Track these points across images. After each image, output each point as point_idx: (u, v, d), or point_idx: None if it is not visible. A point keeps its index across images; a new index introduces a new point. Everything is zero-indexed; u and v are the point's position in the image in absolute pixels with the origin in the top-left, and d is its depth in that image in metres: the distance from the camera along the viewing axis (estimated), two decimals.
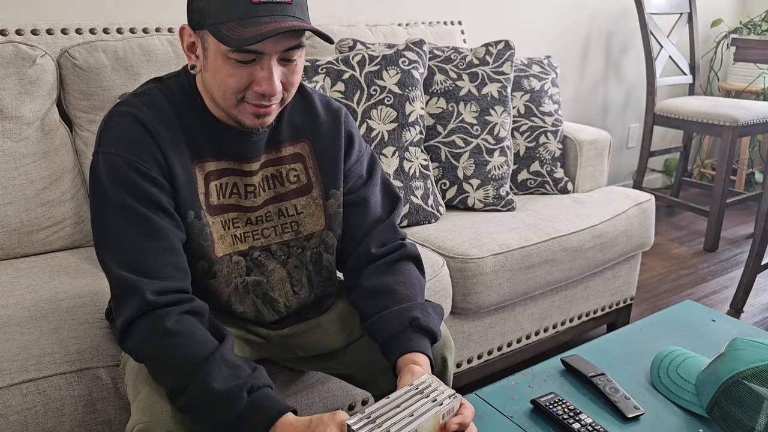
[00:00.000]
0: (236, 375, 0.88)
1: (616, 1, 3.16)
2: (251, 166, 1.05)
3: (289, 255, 1.12)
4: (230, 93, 0.93)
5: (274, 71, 0.92)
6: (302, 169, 1.10)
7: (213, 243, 1.04)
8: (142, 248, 0.93)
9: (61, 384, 1.09)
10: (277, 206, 1.09)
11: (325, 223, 1.12)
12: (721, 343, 1.24)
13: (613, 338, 1.27)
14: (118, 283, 0.93)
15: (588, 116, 3.28)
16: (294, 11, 0.90)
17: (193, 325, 0.91)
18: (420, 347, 0.99)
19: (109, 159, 0.95)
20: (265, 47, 0.89)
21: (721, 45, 3.69)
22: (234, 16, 0.87)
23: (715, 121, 2.85)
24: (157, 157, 0.96)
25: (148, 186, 0.95)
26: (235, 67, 0.91)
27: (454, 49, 1.98)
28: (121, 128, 0.96)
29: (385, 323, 1.02)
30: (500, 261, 1.66)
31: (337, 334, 1.18)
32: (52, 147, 1.55)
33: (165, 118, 0.98)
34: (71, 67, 1.58)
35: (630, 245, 1.98)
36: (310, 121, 1.11)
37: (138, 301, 0.90)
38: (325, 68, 1.74)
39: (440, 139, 1.91)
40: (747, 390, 0.94)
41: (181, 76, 1.03)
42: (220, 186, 1.04)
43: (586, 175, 2.15)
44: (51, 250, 1.56)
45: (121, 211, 0.94)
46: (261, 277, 1.10)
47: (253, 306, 1.12)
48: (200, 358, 0.88)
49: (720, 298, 2.49)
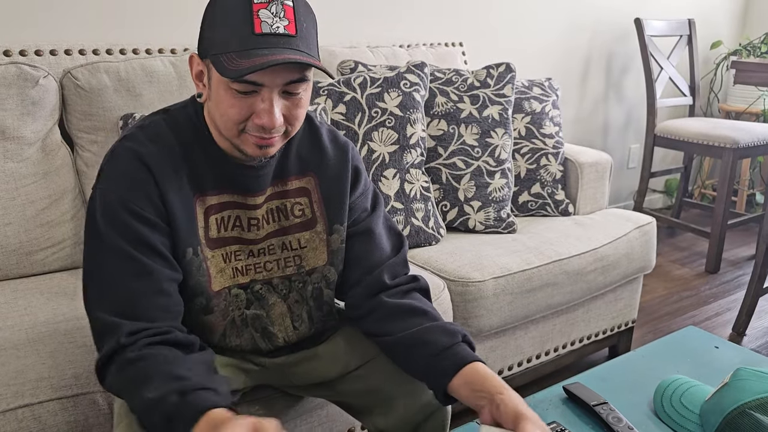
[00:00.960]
0: (172, 383, 0.83)
1: (616, 23, 3.18)
2: (256, 199, 1.04)
3: (291, 289, 1.10)
4: (231, 123, 0.93)
5: (275, 104, 0.91)
6: (307, 203, 1.09)
7: (210, 278, 1.02)
8: (127, 290, 0.92)
9: (57, 410, 1.08)
10: (281, 239, 1.08)
11: (328, 258, 1.11)
12: (725, 371, 1.23)
13: (615, 365, 1.26)
14: (97, 324, 0.92)
15: (589, 137, 3.29)
16: (298, 44, 0.89)
17: (157, 351, 0.88)
18: (481, 359, 0.97)
19: (106, 197, 0.94)
20: (265, 79, 0.88)
21: (721, 67, 3.70)
22: (235, 48, 0.87)
23: (715, 142, 2.86)
24: (155, 197, 0.95)
25: (141, 227, 0.94)
26: (236, 98, 0.90)
27: (455, 72, 1.99)
28: (121, 166, 0.95)
29: (432, 335, 1.00)
30: (501, 284, 1.65)
31: (334, 364, 1.16)
32: (53, 167, 1.55)
33: (169, 154, 0.98)
34: (73, 87, 1.58)
35: (631, 268, 1.97)
36: (317, 155, 1.10)
37: (113, 343, 0.88)
38: (326, 90, 1.75)
39: (441, 161, 1.91)
40: (753, 421, 0.93)
41: (188, 107, 1.02)
42: (221, 219, 1.03)
43: (587, 197, 2.15)
44: (50, 270, 1.55)
45: (111, 251, 0.93)
46: (261, 311, 1.09)
47: (250, 339, 1.11)
48: (150, 376, 0.85)
49: (722, 320, 2.47)
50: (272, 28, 0.87)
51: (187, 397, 0.81)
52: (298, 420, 1.36)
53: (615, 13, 3.16)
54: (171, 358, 0.88)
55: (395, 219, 1.75)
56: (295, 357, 1.17)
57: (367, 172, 1.72)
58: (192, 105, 1.02)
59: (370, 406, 1.14)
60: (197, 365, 0.89)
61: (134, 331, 0.89)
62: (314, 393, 1.23)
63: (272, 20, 0.87)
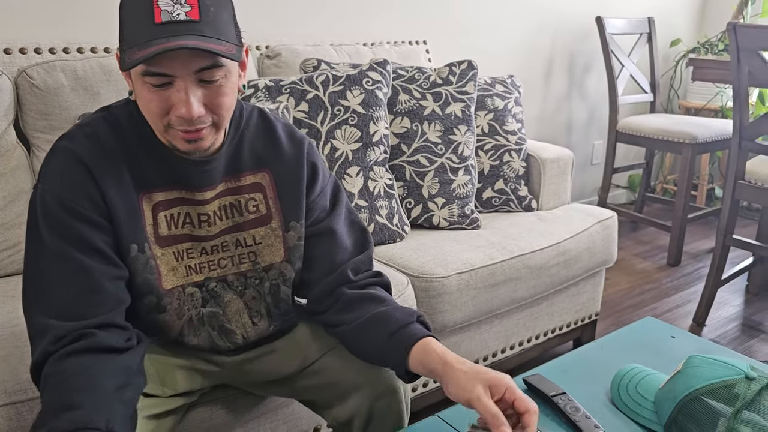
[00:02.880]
0: (59, 420, 0.81)
1: (578, 22, 3.22)
2: (204, 195, 1.03)
3: (247, 286, 1.09)
4: (155, 118, 0.91)
5: (191, 94, 0.88)
6: (262, 199, 1.08)
7: (160, 276, 1.01)
8: (63, 290, 0.91)
9: (11, 414, 1.06)
10: (235, 236, 1.07)
11: (284, 255, 1.10)
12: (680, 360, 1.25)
13: (575, 356, 1.28)
14: (31, 326, 0.91)
15: (553, 134, 3.33)
16: (202, 29, 0.86)
17: (70, 366, 0.86)
18: (434, 336, 0.98)
19: (45, 196, 0.93)
20: (174, 69, 0.86)
21: (680, 64, 3.78)
22: (138, 41, 0.85)
23: (675, 138, 2.92)
24: (93, 194, 0.94)
25: (81, 226, 0.92)
26: (153, 92, 0.88)
27: (417, 69, 2.00)
28: (58, 165, 0.94)
29: (391, 315, 1.01)
30: (465, 279, 1.66)
31: (292, 359, 1.16)
32: (8, 168, 1.52)
33: (107, 152, 0.96)
34: (29, 87, 1.55)
35: (593, 262, 2.00)
36: (272, 150, 1.09)
37: (42, 349, 0.88)
38: (289, 88, 1.74)
39: (405, 158, 1.92)
40: (703, 406, 0.95)
41: (130, 104, 1.00)
42: (171, 216, 1.01)
43: (549, 192, 2.17)
44: (5, 274, 1.52)
45: (49, 252, 0.92)
46: (217, 308, 1.08)
47: (208, 338, 1.10)
48: (46, 408, 0.84)
49: (683, 312, 2.53)
50: (173, 16, 0.84)
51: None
52: (261, 419, 1.36)
53: (576, 12, 3.20)
54: (80, 376, 0.85)
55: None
56: (252, 353, 1.16)
57: (330, 169, 1.73)
58: (134, 102, 1.00)
59: (330, 399, 1.14)
60: (106, 380, 0.87)
61: (61, 336, 0.88)
62: (275, 391, 1.22)
63: (172, 8, 0.85)
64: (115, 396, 0.86)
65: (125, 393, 0.88)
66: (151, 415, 1.02)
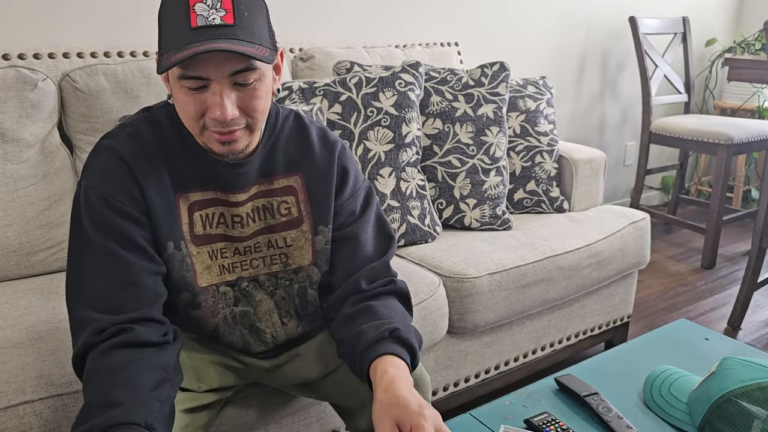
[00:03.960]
0: (100, 415, 0.84)
1: (610, 21, 3.20)
2: (237, 197, 1.05)
3: (277, 286, 1.11)
4: (191, 121, 0.94)
5: (225, 97, 0.90)
6: (293, 202, 1.09)
7: (195, 273, 1.04)
8: (104, 283, 0.94)
9: (58, 406, 1.10)
10: (267, 237, 1.08)
11: (312, 258, 1.11)
12: (714, 362, 1.25)
13: (607, 357, 1.28)
14: (72, 317, 0.95)
15: (585, 135, 3.31)
16: (237, 34, 0.88)
17: (111, 362, 0.89)
18: (398, 353, 0.95)
19: (86, 191, 0.97)
20: (209, 72, 0.88)
21: (716, 64, 3.72)
22: (174, 45, 0.88)
23: (710, 139, 2.87)
24: (133, 191, 0.97)
25: (121, 221, 0.96)
26: (189, 95, 0.91)
27: (450, 71, 2.01)
28: (100, 162, 0.98)
29: (363, 335, 0.98)
30: (496, 280, 1.67)
31: (315, 364, 1.17)
32: (52, 169, 1.57)
33: (147, 151, 0.99)
34: (72, 90, 1.61)
35: (626, 263, 1.99)
36: (304, 154, 1.10)
37: (83, 340, 0.92)
38: (322, 90, 1.77)
39: (437, 159, 1.93)
40: (738, 408, 0.95)
41: (169, 106, 1.03)
42: (206, 216, 1.04)
43: (581, 194, 2.17)
44: (50, 271, 1.57)
45: (91, 246, 0.95)
46: (248, 307, 1.10)
47: (240, 337, 1.12)
48: (88, 404, 0.87)
49: (717, 315, 2.49)
50: (208, 21, 0.87)
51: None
52: (294, 416, 1.38)
53: (609, 12, 3.18)
54: (120, 373, 0.88)
55: (391, 217, 1.77)
56: (277, 360, 1.18)
57: (363, 171, 1.75)
58: (173, 104, 1.03)
59: (353, 407, 1.15)
60: (145, 377, 0.89)
61: (102, 328, 0.91)
62: (303, 393, 1.24)
63: (208, 12, 0.87)
64: (153, 394, 0.89)
65: (163, 390, 0.91)
66: (186, 408, 1.05)
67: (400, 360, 0.95)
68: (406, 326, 1.01)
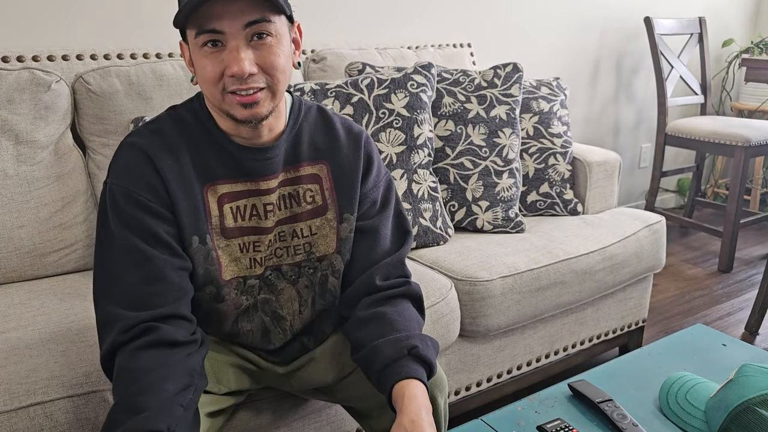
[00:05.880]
0: (127, 419, 0.85)
1: (625, 22, 3.17)
2: (268, 183, 1.04)
3: (300, 275, 1.11)
4: (211, 85, 0.93)
5: (241, 51, 0.90)
6: (318, 190, 1.09)
7: (220, 267, 1.04)
8: (131, 279, 0.94)
9: (68, 407, 1.10)
10: (291, 227, 1.08)
11: (336, 246, 1.11)
12: (732, 368, 1.22)
13: (622, 363, 1.26)
14: (99, 314, 0.95)
15: (599, 136, 3.28)
16: None
17: (141, 364, 0.89)
18: (418, 374, 0.96)
19: (111, 188, 0.97)
20: (222, 25, 0.89)
21: (733, 65, 3.68)
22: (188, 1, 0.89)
23: (726, 141, 2.84)
24: (156, 186, 0.97)
25: (146, 217, 0.96)
26: (207, 57, 0.92)
27: (462, 72, 2.00)
28: (125, 160, 0.98)
29: (381, 351, 0.99)
30: (509, 283, 1.65)
31: (330, 368, 1.16)
32: (66, 170, 1.58)
33: (170, 146, 1.00)
34: (85, 92, 1.61)
35: (641, 267, 1.97)
36: (330, 143, 1.10)
37: (111, 339, 0.92)
38: (334, 91, 1.76)
39: (449, 161, 1.92)
40: (757, 417, 0.93)
41: (194, 102, 1.04)
42: (237, 209, 1.03)
43: (595, 196, 2.14)
44: (63, 272, 1.57)
45: (117, 242, 0.95)
46: (270, 295, 1.10)
47: (260, 324, 1.12)
48: (116, 408, 0.88)
49: (735, 320, 2.46)
50: None
51: None
52: (306, 419, 1.38)
53: (624, 12, 3.15)
54: (147, 377, 0.88)
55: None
56: (292, 365, 1.18)
57: None
58: (197, 99, 1.04)
59: (369, 409, 1.15)
60: (170, 383, 0.89)
61: (129, 327, 0.92)
62: (317, 396, 1.24)
63: None
64: (176, 398, 0.89)
65: (186, 395, 0.91)
66: (208, 413, 1.05)
67: (421, 384, 0.95)
68: (422, 340, 1.01)
